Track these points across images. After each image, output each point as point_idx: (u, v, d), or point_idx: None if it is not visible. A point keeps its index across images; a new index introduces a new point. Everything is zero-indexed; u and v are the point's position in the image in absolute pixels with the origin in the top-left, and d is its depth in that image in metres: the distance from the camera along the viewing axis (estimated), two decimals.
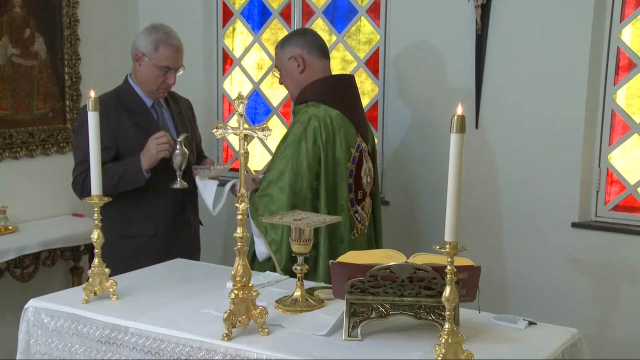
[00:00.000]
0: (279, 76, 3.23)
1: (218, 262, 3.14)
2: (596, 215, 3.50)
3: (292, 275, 2.66)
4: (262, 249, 2.98)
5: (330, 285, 2.27)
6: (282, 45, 3.19)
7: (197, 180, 3.19)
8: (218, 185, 3.20)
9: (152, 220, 3.19)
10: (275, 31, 4.44)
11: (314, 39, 3.17)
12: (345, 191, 3.04)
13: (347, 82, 3.23)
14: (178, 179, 3.12)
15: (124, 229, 3.15)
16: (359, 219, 3.13)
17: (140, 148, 3.08)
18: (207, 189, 3.17)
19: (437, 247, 1.83)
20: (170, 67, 3.16)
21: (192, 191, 3.27)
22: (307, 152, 2.95)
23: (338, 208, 3.00)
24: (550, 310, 3.43)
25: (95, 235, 2.40)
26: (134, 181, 3.08)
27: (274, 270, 2.87)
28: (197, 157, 3.40)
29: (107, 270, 2.42)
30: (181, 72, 3.23)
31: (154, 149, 3.05)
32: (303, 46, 3.12)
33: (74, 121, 4.28)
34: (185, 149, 3.11)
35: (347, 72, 4.12)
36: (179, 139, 3.10)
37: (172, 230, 3.24)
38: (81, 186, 3.10)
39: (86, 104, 2.44)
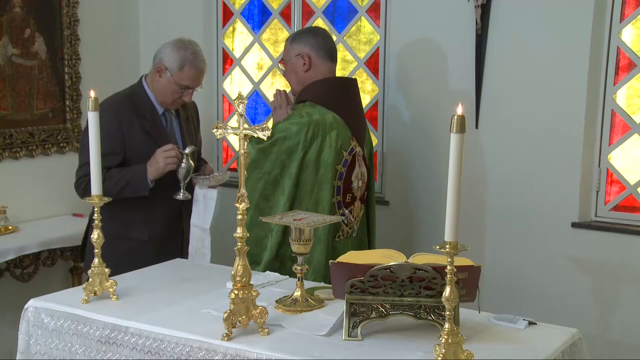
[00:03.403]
0: (284, 69, 3.25)
1: (218, 262, 3.14)
2: (596, 215, 3.50)
3: None
4: None
5: (330, 285, 2.27)
6: (292, 40, 3.19)
7: (197, 189, 3.18)
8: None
9: (147, 225, 3.19)
10: (275, 31, 4.44)
11: (324, 40, 3.18)
12: (329, 193, 3.03)
13: (347, 86, 3.23)
14: (182, 190, 3.13)
15: (119, 230, 3.14)
16: (345, 222, 3.13)
17: (147, 156, 3.08)
18: (207, 198, 3.16)
19: (437, 247, 1.83)
20: (190, 87, 3.17)
21: (190, 200, 3.24)
22: (283, 143, 2.97)
23: (319, 209, 2.99)
24: (550, 310, 3.43)
25: (95, 235, 2.41)
26: (138, 190, 3.07)
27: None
28: (197, 160, 3.39)
29: (107, 270, 2.43)
30: (199, 90, 3.24)
31: (162, 161, 3.05)
32: (312, 46, 3.13)
33: (74, 121, 4.28)
34: (192, 162, 3.12)
35: (347, 72, 4.13)
36: (186, 152, 3.10)
37: (165, 237, 3.23)
38: (84, 187, 3.10)
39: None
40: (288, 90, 3.33)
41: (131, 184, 3.06)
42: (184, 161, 3.10)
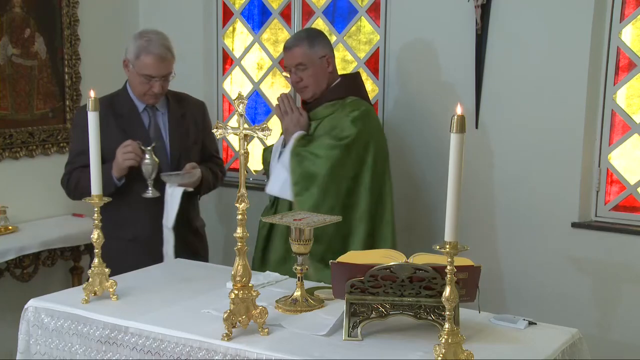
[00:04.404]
0: (288, 74, 3.29)
1: (218, 262, 3.13)
2: (596, 215, 3.50)
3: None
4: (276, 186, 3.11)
5: (330, 285, 2.27)
6: (311, 43, 3.26)
7: (167, 187, 3.11)
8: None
9: (132, 225, 3.16)
10: (275, 31, 4.44)
11: (329, 39, 3.41)
12: (390, 180, 3.26)
13: (361, 80, 3.50)
14: (149, 188, 3.08)
15: (107, 231, 3.11)
16: None
17: None
18: (173, 197, 3.09)
19: (437, 247, 1.83)
20: (153, 76, 3.10)
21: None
22: (360, 138, 3.12)
23: (386, 198, 3.21)
24: (550, 310, 3.43)
25: (95, 235, 2.41)
26: (106, 187, 3.02)
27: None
28: (209, 161, 3.37)
29: (107, 270, 2.43)
30: (172, 79, 3.19)
31: (120, 157, 3.03)
32: (330, 47, 3.34)
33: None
34: (155, 158, 3.07)
35: (347, 72, 4.12)
36: (148, 148, 3.06)
37: (149, 237, 3.16)
38: (66, 185, 3.18)
39: (79, 106, 2.44)
40: (287, 91, 3.35)
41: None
42: (147, 157, 3.05)
